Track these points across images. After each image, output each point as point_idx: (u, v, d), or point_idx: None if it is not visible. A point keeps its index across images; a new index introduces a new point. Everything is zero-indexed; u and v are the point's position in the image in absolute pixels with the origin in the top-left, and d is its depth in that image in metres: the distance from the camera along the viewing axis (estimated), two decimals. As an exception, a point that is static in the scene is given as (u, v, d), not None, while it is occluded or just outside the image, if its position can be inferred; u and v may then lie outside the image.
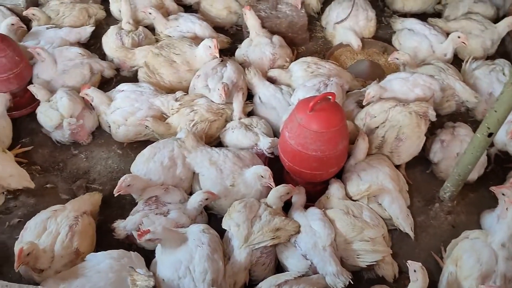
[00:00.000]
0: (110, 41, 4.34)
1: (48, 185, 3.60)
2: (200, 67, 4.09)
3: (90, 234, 3.10)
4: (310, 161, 3.16)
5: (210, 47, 4.00)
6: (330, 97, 3.10)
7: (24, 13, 4.39)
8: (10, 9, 4.52)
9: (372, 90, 3.69)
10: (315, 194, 3.44)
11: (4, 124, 3.67)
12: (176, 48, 4.15)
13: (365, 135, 3.49)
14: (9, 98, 3.80)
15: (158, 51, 4.12)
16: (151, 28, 4.62)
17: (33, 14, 4.37)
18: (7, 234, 3.31)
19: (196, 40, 4.35)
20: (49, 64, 3.98)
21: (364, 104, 3.73)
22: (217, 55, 3.98)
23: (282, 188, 3.16)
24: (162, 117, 3.80)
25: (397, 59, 4.10)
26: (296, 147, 3.14)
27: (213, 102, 3.81)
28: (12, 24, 4.18)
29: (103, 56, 4.43)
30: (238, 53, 4.37)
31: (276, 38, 4.35)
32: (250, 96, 4.05)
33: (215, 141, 3.82)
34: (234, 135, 3.65)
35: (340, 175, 3.47)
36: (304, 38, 4.74)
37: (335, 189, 3.33)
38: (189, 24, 4.48)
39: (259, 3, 4.68)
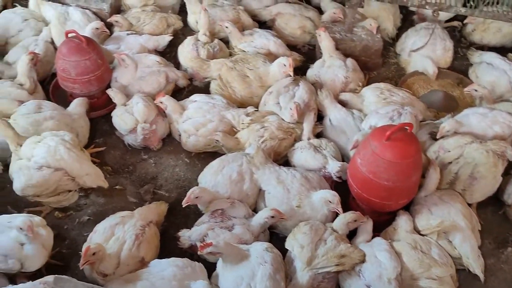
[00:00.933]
0: (186, 51, 4.44)
1: (117, 187, 3.70)
2: (273, 84, 4.12)
3: (156, 244, 3.16)
4: (381, 190, 3.11)
5: (285, 65, 4.03)
6: (407, 127, 3.05)
7: (108, 20, 4.56)
8: (95, 13, 4.70)
9: (447, 125, 3.60)
10: (379, 224, 3.37)
11: (83, 124, 3.81)
12: (250, 64, 4.20)
13: (436, 165, 3.40)
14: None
15: (232, 65, 4.18)
16: (225, 41, 4.70)
17: (116, 21, 4.54)
18: (76, 231, 3.42)
19: (270, 56, 4.39)
20: (130, 70, 4.12)
21: (438, 137, 3.64)
22: (291, 73, 4.00)
23: (350, 215, 3.12)
24: (232, 131, 3.85)
25: (476, 90, 4.00)
26: (367, 175, 3.10)
27: (283, 120, 3.82)
28: (97, 28, 4.35)
29: (177, 65, 4.53)
30: (310, 73, 4.37)
31: (349, 61, 4.32)
32: (319, 117, 4.03)
33: (282, 159, 3.82)
34: (303, 156, 3.65)
35: (408, 207, 3.40)
36: (377, 63, 4.69)
37: (403, 222, 3.25)
38: (264, 40, 4.52)
39: (334, 25, 4.67)
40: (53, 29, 4.48)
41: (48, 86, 4.24)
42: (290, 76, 4.02)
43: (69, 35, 3.91)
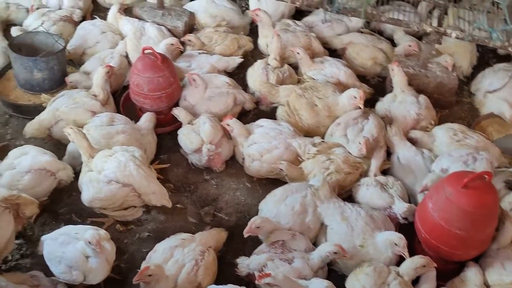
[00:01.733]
0: (255, 75, 4.45)
1: (178, 205, 3.70)
2: (341, 114, 4.05)
3: (213, 270, 3.12)
4: (451, 239, 2.98)
5: (355, 97, 3.95)
6: (486, 176, 2.92)
7: (182, 38, 4.62)
8: (169, 30, 4.80)
9: (526, 173, 3.42)
10: (444, 273, 3.20)
11: (151, 140, 3.86)
12: (320, 92, 4.15)
13: (512, 217, 3.22)
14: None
15: (301, 92, 4.14)
16: (294, 67, 4.68)
17: (189, 40, 4.60)
18: (135, 246, 3.44)
19: (339, 86, 4.33)
20: (200, 90, 4.15)
21: (515, 187, 3.46)
22: (362, 106, 3.92)
23: (420, 260, 2.98)
24: (296, 159, 3.79)
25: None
26: (439, 221, 2.97)
27: (350, 153, 3.74)
28: (172, 44, 4.43)
29: (244, 87, 4.54)
30: (380, 106, 4.27)
31: (422, 98, 4.20)
32: (387, 154, 3.91)
33: (345, 194, 3.73)
34: (368, 193, 3.54)
35: (477, 258, 3.22)
36: (451, 102, 4.54)
37: (472, 274, 3.07)
38: (334, 69, 4.47)
39: (408, 59, 4.57)
40: (128, 43, 4.59)
41: (119, 98, 4.34)
42: (360, 108, 3.94)
43: (146, 51, 3.99)
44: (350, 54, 4.82)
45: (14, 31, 4.62)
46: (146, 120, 3.91)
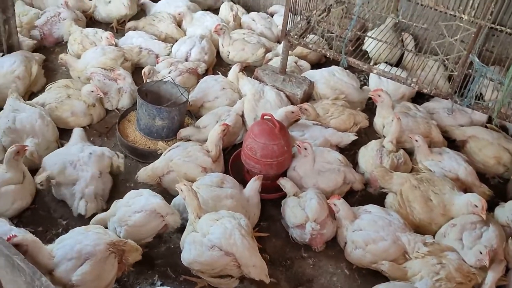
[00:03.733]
0: (369, 155, 4.31)
1: (271, 279, 3.58)
2: (456, 215, 3.77)
3: None
4: None
5: (476, 206, 3.67)
6: None
7: (298, 105, 4.61)
8: (287, 96, 4.83)
9: None
10: None
11: (255, 211, 3.81)
12: (436, 187, 3.90)
13: None
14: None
15: (416, 184, 3.92)
16: (408, 152, 4.48)
17: (306, 109, 4.57)
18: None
19: (456, 182, 4.07)
20: (309, 161, 4.08)
21: None
22: (484, 217, 3.62)
23: None
24: (402, 256, 3.56)
25: None
26: None
27: (464, 261, 3.44)
28: (292, 112, 4.43)
29: (354, 165, 4.40)
30: (501, 214, 3.91)
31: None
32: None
33: (452, 305, 3.41)
34: (481, 310, 3.21)
35: None
36: None
37: None
38: (454, 163, 4.22)
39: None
40: (246, 103, 4.66)
41: (229, 155, 4.38)
42: (481, 218, 3.64)
43: (265, 117, 4.01)
44: (471, 148, 4.53)
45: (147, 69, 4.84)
46: (253, 189, 3.85)
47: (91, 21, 6.11)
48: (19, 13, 5.36)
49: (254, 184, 3.86)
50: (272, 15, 6.27)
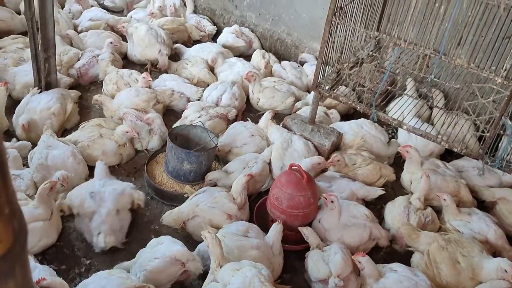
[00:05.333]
0: (395, 212, 4.25)
1: (292, 334, 3.51)
2: (485, 280, 3.66)
3: None
4: None
5: (506, 271, 3.57)
6: None
7: (331, 159, 4.58)
8: (315, 146, 4.84)
9: None
10: None
11: (280, 262, 3.77)
12: (464, 249, 3.81)
13: None
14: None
15: (444, 244, 3.84)
16: (436, 210, 4.41)
17: (338, 161, 4.56)
18: None
19: (485, 244, 3.97)
20: (335, 215, 4.04)
21: None
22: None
23: None
24: (428, 319, 3.45)
25: None
26: None
27: (493, 330, 3.32)
28: (319, 164, 4.44)
29: (380, 220, 4.34)
30: (532, 280, 3.80)
31: None
32: None
33: None
34: None
35: None
36: None
37: None
38: (483, 225, 4.13)
39: None
40: (274, 152, 4.68)
41: (254, 202, 4.37)
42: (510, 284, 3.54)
43: (293, 167, 4.02)
44: (501, 210, 4.44)
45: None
46: (276, 233, 3.80)
47: (125, 60, 6.30)
48: (60, 52, 5.55)
49: (276, 229, 3.82)
50: (302, 63, 6.38)
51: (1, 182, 1.15)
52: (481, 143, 4.15)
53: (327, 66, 4.71)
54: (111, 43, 5.82)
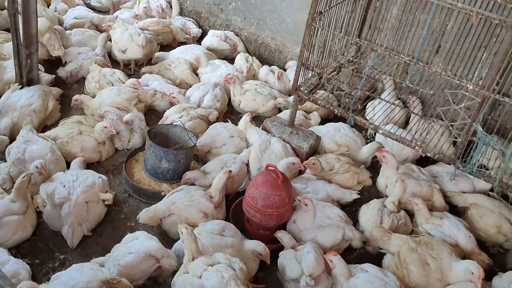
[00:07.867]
0: (369, 214, 4.32)
1: (264, 332, 3.55)
2: (453, 282, 3.74)
3: None
4: None
5: (473, 273, 3.65)
6: None
7: (307, 162, 4.65)
8: (293, 149, 4.91)
9: None
10: None
11: (253, 266, 3.81)
12: (434, 251, 3.89)
13: None
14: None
15: (415, 246, 3.91)
16: (409, 213, 4.49)
17: (314, 164, 4.63)
18: None
19: (455, 248, 4.05)
20: (310, 216, 4.11)
21: None
22: (479, 285, 3.59)
23: None
24: (397, 319, 3.52)
25: None
26: None
27: (458, 330, 3.40)
28: (293, 163, 4.50)
29: (354, 222, 4.41)
30: (498, 284, 3.87)
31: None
32: None
33: None
34: None
35: None
36: None
37: None
38: (454, 229, 4.21)
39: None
40: (252, 153, 4.72)
41: (231, 202, 4.41)
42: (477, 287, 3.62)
43: (269, 168, 4.08)
44: (472, 215, 4.53)
45: None
46: (257, 245, 3.84)
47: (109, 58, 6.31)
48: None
49: (255, 243, 3.83)
50: (285, 70, 6.47)
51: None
52: (454, 148, 4.24)
53: (308, 70, 4.79)
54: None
